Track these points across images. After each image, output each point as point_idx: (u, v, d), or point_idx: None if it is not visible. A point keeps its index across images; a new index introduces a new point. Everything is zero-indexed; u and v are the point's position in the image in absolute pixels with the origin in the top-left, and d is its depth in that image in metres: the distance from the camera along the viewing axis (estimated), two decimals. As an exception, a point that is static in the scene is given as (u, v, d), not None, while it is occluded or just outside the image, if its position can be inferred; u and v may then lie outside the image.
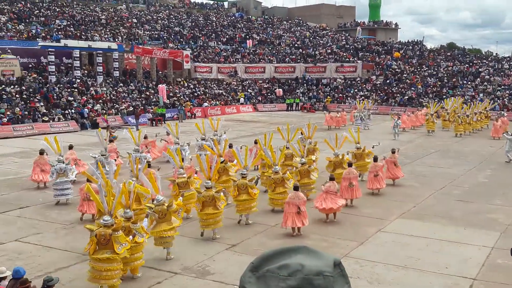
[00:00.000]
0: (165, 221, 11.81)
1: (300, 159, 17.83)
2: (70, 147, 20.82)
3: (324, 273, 1.47)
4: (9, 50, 40.76)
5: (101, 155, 19.49)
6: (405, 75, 56.01)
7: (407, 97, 51.26)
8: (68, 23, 50.82)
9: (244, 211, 14.62)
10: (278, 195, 15.77)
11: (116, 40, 49.94)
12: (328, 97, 53.72)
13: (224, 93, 52.22)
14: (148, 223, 11.39)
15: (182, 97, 46.95)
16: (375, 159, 18.43)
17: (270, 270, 1.49)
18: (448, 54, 62.39)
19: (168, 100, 44.82)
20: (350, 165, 17.35)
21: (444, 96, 48.84)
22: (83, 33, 48.79)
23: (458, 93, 50.10)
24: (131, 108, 40.60)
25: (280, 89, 54.61)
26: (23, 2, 52.58)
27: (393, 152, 19.72)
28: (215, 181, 15.34)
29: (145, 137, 23.99)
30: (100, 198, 10.88)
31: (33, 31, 45.78)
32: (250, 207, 14.59)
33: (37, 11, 51.62)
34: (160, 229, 11.77)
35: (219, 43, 62.08)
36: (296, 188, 13.98)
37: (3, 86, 37.13)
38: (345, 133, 20.81)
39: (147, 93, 45.42)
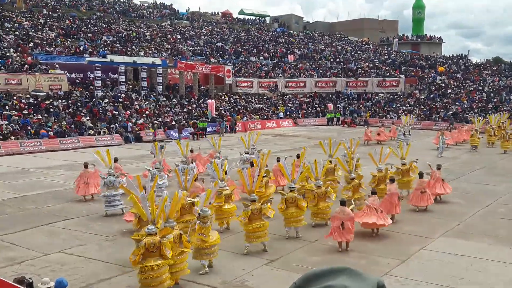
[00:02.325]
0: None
1: (350, 174, 17.75)
2: (115, 160, 21.20)
3: None
4: (57, 65, 42.07)
5: (155, 168, 19.66)
6: (449, 90, 54.93)
7: (451, 112, 50.21)
8: (114, 39, 52.18)
9: (293, 224, 14.60)
10: (320, 209, 15.68)
11: (160, 55, 50.92)
12: (368, 112, 53.20)
13: (264, 108, 52.39)
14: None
15: (224, 111, 47.34)
16: (421, 175, 18.11)
17: None
18: (494, 68, 60.92)
19: (216, 114, 45.42)
20: (392, 180, 17.09)
21: (489, 112, 47.64)
22: (129, 49, 49.95)
23: (505, 108, 48.75)
24: (173, 123, 41.22)
25: (331, 103, 54.32)
26: (71, 19, 54.32)
27: (438, 168, 19.39)
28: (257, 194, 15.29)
29: (191, 151, 24.31)
30: (144, 208, 11.06)
31: (81, 47, 47.16)
32: (299, 220, 14.59)
33: (85, 27, 53.21)
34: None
35: (261, 58, 62.47)
36: (343, 203, 13.82)
37: (51, 100, 38.28)
38: (388, 150, 20.53)
39: (189, 107, 45.99)
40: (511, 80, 55.15)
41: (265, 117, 50.32)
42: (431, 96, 54.54)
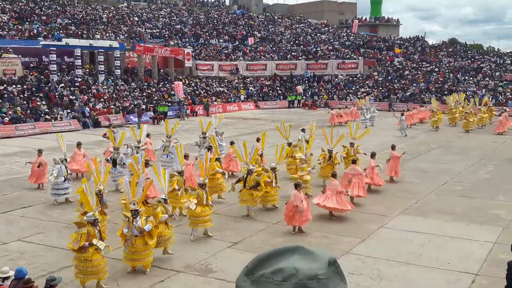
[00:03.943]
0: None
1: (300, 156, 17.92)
2: (78, 144, 20.67)
3: (318, 276, 1.46)
4: (10, 50, 40.80)
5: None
6: (407, 72, 55.90)
7: (409, 93, 51.16)
8: (70, 21, 50.83)
9: (247, 203, 14.76)
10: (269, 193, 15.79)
11: (118, 38, 49.96)
12: (324, 94, 53.66)
13: (226, 91, 52.21)
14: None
15: (185, 95, 46.95)
16: (373, 155, 18.35)
17: (265, 275, 1.49)
18: (450, 50, 62.27)
19: (184, 96, 45.07)
20: (354, 162, 17.32)
21: (446, 92, 48.80)
22: (85, 32, 48.80)
23: (460, 89, 49.98)
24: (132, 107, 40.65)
25: (299, 86, 54.43)
26: (24, 1, 52.61)
27: (393, 148, 19.78)
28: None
29: (148, 135, 23.97)
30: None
31: (35, 30, 45.80)
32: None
33: (39, 10, 51.64)
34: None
35: (221, 40, 62.06)
36: (296, 186, 13.94)
37: (5, 85, 37.18)
38: (341, 131, 20.67)
39: (148, 91, 45.43)
40: (466, 61, 56.53)
41: (227, 100, 50.17)
42: (389, 77, 55.41)
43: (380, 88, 53.45)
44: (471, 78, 52.80)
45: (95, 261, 10.22)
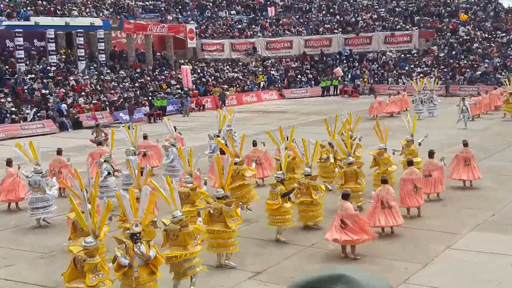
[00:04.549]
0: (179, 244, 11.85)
1: (348, 158, 17.91)
2: (58, 153, 20.92)
3: None
4: (-35, 33, 41.40)
5: (171, 145, 20.86)
6: (476, 44, 55.36)
7: (479, 72, 50.66)
8: (39, -5, 51.28)
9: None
10: (307, 207, 15.74)
11: (101, 15, 50.30)
12: (366, 76, 53.44)
13: (240, 77, 52.28)
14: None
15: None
16: (430, 154, 18.31)
17: None
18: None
19: (193, 85, 45.59)
20: (410, 163, 17.26)
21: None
22: (58, 8, 49.19)
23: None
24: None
25: (338, 68, 54.46)
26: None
27: (465, 145, 19.62)
28: (228, 189, 15.29)
29: (145, 137, 24.15)
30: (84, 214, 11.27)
31: (-5, 7, 46.36)
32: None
33: (-1, -18, 52.31)
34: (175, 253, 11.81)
35: (232, 12, 62.18)
36: (345, 196, 13.89)
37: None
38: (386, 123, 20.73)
39: (142, 80, 45.73)
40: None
41: (243, 88, 50.25)
42: (453, 52, 54.92)
43: (442, 67, 53.03)
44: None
45: None
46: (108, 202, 11.58)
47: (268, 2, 64.88)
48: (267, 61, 56.36)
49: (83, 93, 40.70)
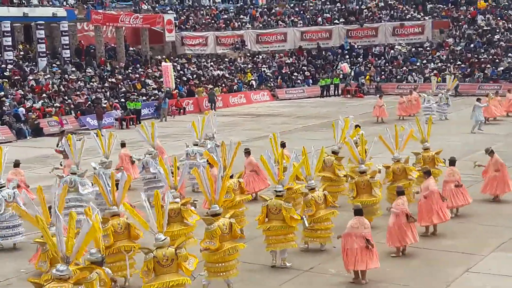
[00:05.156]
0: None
1: (360, 166, 17.94)
2: (16, 165, 20.88)
3: None
4: None
5: (148, 154, 21.29)
6: (497, 36, 55.57)
7: (501, 68, 50.85)
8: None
9: (277, 246, 14.70)
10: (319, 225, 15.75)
11: (65, 3, 50.20)
12: (368, 74, 53.51)
13: (227, 75, 52.29)
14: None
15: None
16: (452, 163, 18.39)
17: None
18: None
19: (175, 85, 46.05)
20: (429, 173, 17.27)
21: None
22: (15, -4, 49.14)
23: None
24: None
25: (345, 63, 54.56)
26: None
27: (491, 153, 19.73)
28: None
29: (123, 145, 24.12)
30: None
31: None
32: (286, 239, 14.65)
33: None
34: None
35: (217, 0, 62.20)
36: (358, 212, 13.88)
37: None
38: (407, 126, 20.72)
39: (113, 80, 45.65)
40: None
41: (230, 88, 50.25)
42: (472, 45, 55.11)
43: (459, 63, 53.16)
44: None
45: None
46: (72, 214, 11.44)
47: (258, -12, 65.01)
48: (257, 57, 56.45)
49: (43, 95, 40.55)
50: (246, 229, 16.10)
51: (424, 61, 54.52)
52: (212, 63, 53.98)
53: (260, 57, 56.50)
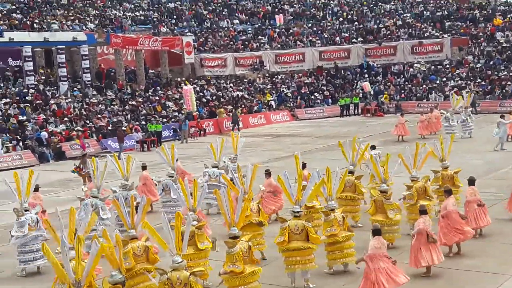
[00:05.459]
0: None
1: (381, 185, 17.91)
2: (36, 189, 21.02)
3: None
4: None
5: (169, 176, 21.57)
6: (517, 52, 55.40)
7: (522, 85, 50.64)
8: (13, 7, 51.58)
9: (297, 267, 14.59)
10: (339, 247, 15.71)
11: (85, 28, 50.58)
12: (385, 93, 53.44)
13: (246, 96, 52.41)
14: None
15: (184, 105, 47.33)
16: (471, 182, 18.28)
17: None
18: None
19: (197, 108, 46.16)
20: (449, 192, 17.18)
21: None
22: (36, 21, 49.51)
23: None
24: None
25: (366, 82, 54.57)
26: None
27: None
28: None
29: (144, 168, 24.24)
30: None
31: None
32: (308, 260, 14.55)
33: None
34: None
35: (235, 22, 62.48)
36: (377, 232, 13.83)
37: None
38: (428, 146, 20.67)
39: (133, 102, 45.87)
40: None
41: (250, 109, 50.37)
42: (491, 62, 54.93)
43: (479, 80, 52.99)
44: None
45: None
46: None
47: (276, 9, 65.20)
48: (276, 77, 56.60)
49: (65, 119, 40.82)
50: (265, 251, 16.20)
51: (444, 79, 54.37)
52: (231, 84, 54.20)
53: (279, 77, 56.66)
